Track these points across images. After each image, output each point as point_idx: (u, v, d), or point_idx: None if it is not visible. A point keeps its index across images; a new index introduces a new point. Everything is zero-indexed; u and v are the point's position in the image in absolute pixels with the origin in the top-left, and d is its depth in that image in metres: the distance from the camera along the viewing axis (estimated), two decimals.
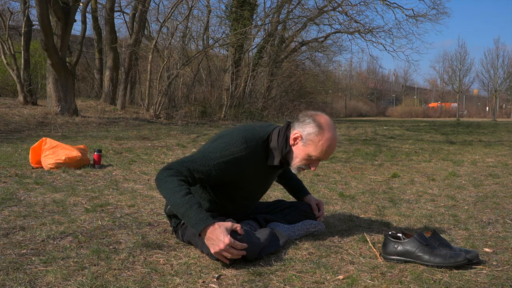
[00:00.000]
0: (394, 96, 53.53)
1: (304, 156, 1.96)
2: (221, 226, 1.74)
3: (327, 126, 1.93)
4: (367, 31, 18.51)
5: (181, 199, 1.77)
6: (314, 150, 1.94)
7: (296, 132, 1.96)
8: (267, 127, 2.04)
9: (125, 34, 20.44)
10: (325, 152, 1.94)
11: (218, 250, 1.71)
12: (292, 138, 1.97)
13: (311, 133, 1.93)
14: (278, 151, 1.98)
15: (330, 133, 1.93)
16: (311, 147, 1.94)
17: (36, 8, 9.72)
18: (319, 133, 1.92)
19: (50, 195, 3.00)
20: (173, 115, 12.98)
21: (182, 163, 1.89)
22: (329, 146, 1.94)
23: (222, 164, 1.89)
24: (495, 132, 11.38)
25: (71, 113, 10.74)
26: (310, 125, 1.94)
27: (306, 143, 1.94)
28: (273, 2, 21.17)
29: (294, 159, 1.98)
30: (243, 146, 1.91)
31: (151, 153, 5.60)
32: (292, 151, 1.98)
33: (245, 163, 1.93)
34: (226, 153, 1.89)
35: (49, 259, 1.79)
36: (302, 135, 1.95)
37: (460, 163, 5.29)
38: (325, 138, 1.92)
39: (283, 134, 1.99)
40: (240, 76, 15.94)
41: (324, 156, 1.96)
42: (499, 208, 2.89)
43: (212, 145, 1.95)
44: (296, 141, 1.97)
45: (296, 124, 1.98)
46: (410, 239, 1.83)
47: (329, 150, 1.95)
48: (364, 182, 3.92)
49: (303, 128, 1.95)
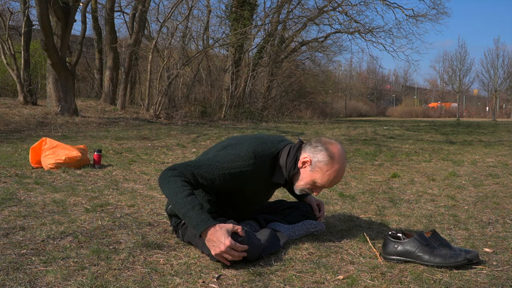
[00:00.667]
0: (394, 96, 53.54)
1: (309, 181, 1.97)
2: (222, 228, 1.74)
3: (338, 157, 1.94)
4: (367, 31, 18.52)
5: (184, 200, 1.77)
6: (320, 178, 1.95)
7: (306, 157, 1.96)
8: (278, 143, 2.03)
9: (125, 34, 20.46)
10: (330, 182, 1.96)
11: (219, 252, 1.71)
12: (301, 161, 1.97)
13: (321, 161, 1.94)
14: (285, 170, 1.99)
15: (339, 164, 1.94)
16: (318, 175, 1.95)
17: (36, 8, 9.72)
18: (328, 163, 1.93)
19: (50, 195, 3.00)
20: (173, 115, 12.98)
21: (187, 166, 1.89)
22: (335, 177, 1.95)
23: (227, 175, 1.89)
24: (495, 132, 11.38)
25: (71, 113, 10.74)
26: (321, 153, 1.94)
27: (314, 169, 1.95)
28: (273, 2, 21.19)
29: (299, 181, 1.99)
30: (251, 161, 1.91)
31: (151, 153, 5.60)
32: (299, 173, 1.99)
33: (250, 178, 1.93)
34: (233, 165, 1.89)
35: (49, 259, 1.79)
36: (311, 160, 1.95)
37: (460, 163, 5.29)
38: (334, 169, 1.93)
39: (293, 155, 1.99)
40: (240, 76, 15.94)
41: (328, 185, 1.98)
42: (499, 208, 2.89)
43: (220, 153, 1.95)
44: (305, 165, 1.97)
45: (307, 148, 1.98)
46: (410, 239, 1.83)
47: (334, 180, 1.97)
48: (364, 182, 3.92)
49: (314, 154, 1.95)
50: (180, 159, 5.18)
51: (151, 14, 16.04)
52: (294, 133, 9.77)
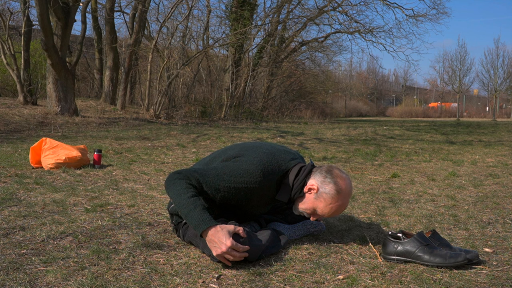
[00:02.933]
0: (394, 96, 53.54)
1: (310, 207, 1.99)
2: (223, 228, 1.74)
3: (344, 194, 1.95)
4: (367, 31, 18.53)
5: (186, 200, 1.79)
6: (322, 209, 1.97)
7: (314, 184, 1.97)
8: (289, 161, 2.03)
9: (125, 34, 20.47)
10: (331, 214, 1.99)
11: (220, 252, 1.71)
12: (308, 187, 1.98)
13: (327, 193, 1.95)
14: (291, 191, 2.00)
15: (344, 200, 1.96)
16: (321, 204, 1.96)
17: (36, 8, 9.72)
18: (334, 197, 1.95)
19: (50, 195, 3.00)
20: (173, 115, 12.98)
21: (194, 173, 1.91)
22: (336, 211, 1.98)
23: (232, 188, 1.91)
24: (495, 132, 11.38)
25: (71, 113, 10.74)
26: (329, 186, 1.95)
27: (318, 198, 1.97)
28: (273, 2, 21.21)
29: (301, 204, 2.01)
30: (259, 179, 1.92)
31: (151, 153, 5.60)
32: (303, 197, 2.00)
33: (255, 194, 1.95)
34: (240, 180, 1.91)
35: (49, 259, 1.79)
36: (318, 189, 1.97)
37: (460, 163, 5.29)
38: (337, 204, 1.96)
39: (302, 178, 1.99)
40: (240, 76, 15.94)
41: (327, 216, 2.00)
42: (499, 208, 2.88)
43: (229, 165, 1.95)
44: (310, 192, 1.99)
45: (317, 176, 1.98)
46: (410, 239, 1.83)
47: (335, 213, 2.00)
48: (364, 182, 3.92)
49: (322, 184, 1.96)
50: (180, 159, 5.18)
51: (151, 14, 16.05)
52: (294, 133, 9.77)
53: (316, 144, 7.53)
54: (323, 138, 8.75)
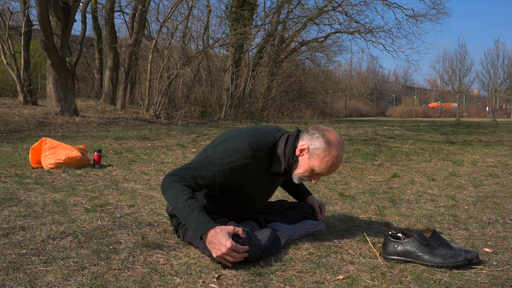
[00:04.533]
0: (394, 96, 53.53)
1: (307, 168, 1.97)
2: (223, 230, 1.74)
3: (335, 144, 1.93)
4: (367, 31, 18.52)
5: (183, 203, 1.79)
6: (318, 165, 1.94)
7: (304, 144, 1.96)
8: (275, 132, 2.03)
9: (125, 34, 20.46)
10: (328, 169, 1.95)
11: (220, 254, 1.71)
12: (299, 149, 1.97)
13: (318, 148, 1.93)
14: (284, 159, 1.98)
15: (337, 151, 1.93)
16: (316, 162, 1.94)
17: (36, 8, 9.72)
18: (326, 149, 1.93)
19: (50, 195, 3.00)
20: (173, 115, 12.98)
21: (186, 170, 1.89)
22: (333, 163, 1.95)
23: (226, 170, 1.89)
24: (495, 132, 11.38)
25: (71, 113, 10.74)
26: (318, 140, 1.94)
27: (312, 157, 1.95)
28: (273, 2, 21.20)
29: (298, 169, 1.99)
30: (249, 153, 1.91)
31: (151, 153, 5.60)
32: (298, 161, 1.98)
33: (250, 169, 1.93)
34: (231, 160, 1.89)
35: (49, 259, 1.79)
36: (309, 147, 1.95)
37: (460, 163, 5.29)
38: (331, 156, 1.93)
39: (292, 143, 1.98)
40: (240, 76, 15.94)
41: (326, 172, 1.97)
42: (499, 208, 2.88)
43: (218, 149, 1.95)
44: (302, 153, 1.97)
45: (305, 136, 1.98)
46: (410, 239, 1.83)
47: (332, 167, 1.96)
48: (364, 182, 3.92)
49: (311, 141, 1.95)
50: (180, 159, 5.18)
51: (151, 14, 16.05)
52: None
53: None
54: None
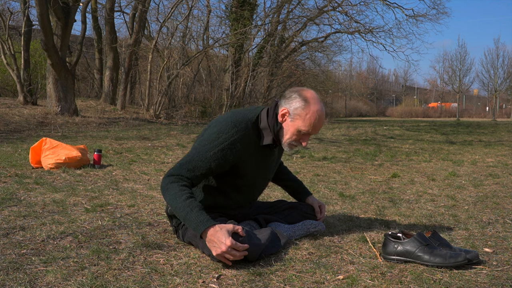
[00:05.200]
0: (394, 96, 53.53)
1: (293, 131, 1.97)
2: (223, 228, 1.74)
3: (312, 100, 1.95)
4: (367, 31, 18.50)
5: (182, 203, 1.80)
6: (303, 125, 1.95)
7: (284, 109, 1.98)
8: (254, 109, 2.06)
9: (125, 34, 20.46)
10: (313, 126, 1.95)
11: (220, 252, 1.71)
12: (280, 115, 1.99)
13: (298, 107, 1.95)
14: (269, 130, 2.00)
15: (317, 106, 1.95)
16: (299, 122, 1.95)
17: (36, 8, 9.72)
18: (305, 107, 1.94)
19: (50, 195, 3.00)
20: (173, 115, 12.98)
21: (181, 166, 1.91)
22: (316, 119, 1.95)
23: (218, 153, 1.91)
24: (495, 132, 11.38)
25: (71, 113, 10.74)
26: (296, 100, 1.96)
27: (294, 118, 1.96)
28: (273, 2, 21.21)
29: (285, 136, 2.00)
30: (233, 130, 1.93)
31: (151, 153, 5.60)
32: (282, 128, 2.00)
33: (239, 146, 1.94)
34: (219, 142, 1.91)
35: (49, 259, 1.79)
36: (289, 110, 1.97)
37: (460, 163, 5.29)
38: (312, 111, 1.94)
39: (272, 113, 2.00)
40: (240, 76, 15.93)
41: (313, 129, 1.97)
42: (499, 208, 2.88)
43: (204, 137, 1.97)
44: (285, 118, 1.98)
45: (283, 101, 2.00)
46: (410, 239, 1.83)
47: (317, 123, 1.96)
48: (364, 182, 3.92)
49: (289, 104, 1.97)
50: (180, 159, 5.18)
51: (151, 14, 16.03)
52: None
53: (316, 144, 7.53)
54: (323, 138, 8.75)
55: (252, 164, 2.03)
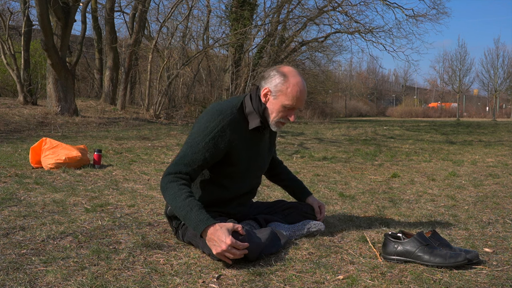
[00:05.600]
0: (394, 96, 53.53)
1: (278, 108, 1.99)
2: (223, 227, 1.74)
3: (291, 73, 1.98)
4: (367, 31, 18.50)
5: (182, 203, 1.80)
6: (286, 99, 1.97)
7: (265, 89, 2.00)
8: (237, 97, 2.09)
9: (125, 34, 20.46)
10: (297, 98, 1.97)
11: (220, 251, 1.71)
12: (263, 95, 2.01)
13: (278, 83, 1.97)
14: (255, 113, 2.02)
15: (296, 78, 1.97)
16: (282, 97, 1.97)
17: (36, 8, 9.72)
18: (285, 81, 1.96)
19: (50, 195, 3.00)
20: (173, 115, 12.98)
21: (177, 163, 1.92)
22: (298, 91, 1.97)
23: (209, 142, 1.92)
24: (495, 132, 11.39)
25: (71, 113, 10.74)
26: (275, 77, 1.98)
27: (277, 95, 1.98)
28: (273, 2, 21.20)
29: (271, 115, 2.02)
30: (220, 117, 1.95)
31: (151, 153, 5.60)
32: (267, 108, 2.02)
33: (229, 132, 1.95)
34: (208, 131, 1.93)
35: (49, 259, 1.79)
36: (270, 89, 1.99)
37: (460, 163, 5.29)
38: (293, 84, 1.96)
39: (255, 95, 2.03)
40: (240, 76, 15.93)
41: (297, 102, 1.98)
42: (499, 208, 2.88)
43: (193, 131, 1.99)
44: (267, 97, 2.01)
45: (263, 82, 2.03)
46: (410, 239, 1.83)
47: (300, 96, 1.97)
48: (364, 182, 3.92)
49: (270, 82, 1.99)
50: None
51: (151, 14, 16.04)
52: (294, 133, 9.77)
53: (316, 144, 7.53)
54: (323, 138, 8.75)
55: (243, 150, 2.04)
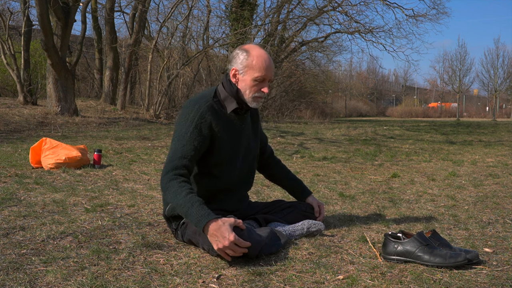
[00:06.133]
0: (394, 96, 53.52)
1: (249, 84, 2.04)
2: (225, 223, 1.75)
3: (252, 47, 2.05)
4: (367, 31, 18.49)
5: (183, 199, 1.81)
6: (254, 72, 2.02)
7: (232, 69, 2.06)
8: (210, 88, 2.15)
9: (125, 34, 20.45)
10: (264, 69, 2.02)
11: (221, 247, 1.72)
12: (232, 76, 2.06)
13: (242, 59, 2.03)
14: (230, 96, 2.07)
15: (258, 50, 2.04)
16: (250, 71, 2.02)
17: (36, 8, 9.72)
18: (248, 56, 2.02)
19: (50, 195, 3.00)
20: (173, 115, 12.97)
21: (171, 160, 1.95)
22: (263, 61, 2.02)
23: (194, 131, 1.97)
24: (495, 132, 11.39)
25: (71, 113, 10.74)
26: (238, 56, 2.05)
27: (245, 71, 2.03)
28: (273, 2, 21.19)
29: (245, 92, 2.06)
30: (196, 106, 2.01)
31: (151, 153, 5.60)
32: (240, 88, 2.06)
33: (209, 117, 2.01)
34: (189, 121, 1.99)
35: (49, 259, 1.79)
36: (237, 68, 2.05)
37: (460, 163, 5.29)
38: (256, 56, 2.02)
39: (226, 81, 2.08)
40: None
41: (266, 72, 2.02)
42: (499, 208, 2.88)
43: (176, 128, 2.04)
44: (237, 76, 2.06)
45: (229, 66, 2.10)
46: (410, 239, 1.83)
47: (266, 65, 2.02)
48: (364, 182, 3.92)
49: (235, 62, 2.06)
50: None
51: (151, 14, 16.02)
52: (294, 133, 9.77)
53: (316, 144, 7.53)
54: (323, 138, 8.75)
55: (225, 134, 2.07)
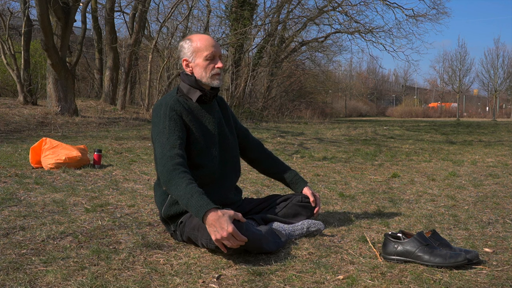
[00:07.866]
0: (394, 96, 53.52)
1: (202, 64, 2.12)
2: (225, 214, 1.76)
3: (191, 35, 2.19)
4: (367, 31, 18.50)
5: (183, 190, 1.83)
6: (202, 52, 2.12)
7: (183, 60, 2.17)
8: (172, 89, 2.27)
9: (125, 34, 20.43)
10: (210, 45, 2.12)
11: (219, 237, 1.73)
12: (184, 66, 2.17)
13: (187, 47, 2.15)
14: (191, 87, 2.15)
15: (198, 35, 2.18)
16: (198, 53, 2.13)
17: (36, 8, 9.72)
18: (192, 41, 2.15)
19: (50, 195, 3.00)
20: None
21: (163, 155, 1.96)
22: (206, 40, 2.14)
23: (170, 123, 2.04)
24: (495, 132, 11.39)
25: (71, 113, 10.74)
26: (183, 46, 2.17)
27: (193, 56, 2.14)
28: (273, 2, 21.19)
29: (202, 76, 2.14)
30: (163, 103, 2.10)
31: (151, 153, 5.59)
32: (195, 76, 2.15)
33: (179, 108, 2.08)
34: (163, 117, 2.05)
35: (49, 259, 1.79)
36: (186, 57, 2.16)
37: (460, 163, 5.29)
38: (198, 39, 2.15)
39: (183, 75, 2.18)
40: (240, 76, 15.93)
41: (213, 48, 2.13)
42: (499, 208, 2.89)
43: (153, 130, 2.10)
44: (189, 65, 2.16)
45: (179, 61, 2.23)
46: (410, 239, 1.83)
47: (210, 43, 2.13)
48: (364, 182, 3.92)
49: (182, 53, 2.17)
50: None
51: (151, 14, 16.03)
52: (294, 133, 9.77)
53: (316, 144, 7.53)
54: (323, 138, 8.75)
55: (197, 123, 2.13)
